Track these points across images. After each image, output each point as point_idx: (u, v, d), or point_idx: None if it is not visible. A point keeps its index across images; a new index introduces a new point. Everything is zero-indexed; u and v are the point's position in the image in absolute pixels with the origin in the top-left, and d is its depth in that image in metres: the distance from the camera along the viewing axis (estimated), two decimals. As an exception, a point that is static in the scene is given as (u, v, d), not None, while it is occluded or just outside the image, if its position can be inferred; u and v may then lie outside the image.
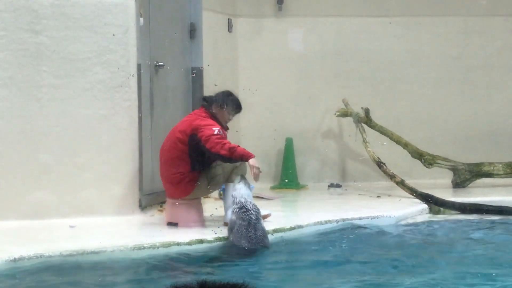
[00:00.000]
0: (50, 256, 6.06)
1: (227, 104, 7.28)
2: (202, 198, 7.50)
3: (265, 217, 7.12)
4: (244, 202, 6.67)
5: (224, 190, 7.29)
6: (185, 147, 7.12)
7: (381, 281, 5.61)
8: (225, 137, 7.06)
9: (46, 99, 7.57)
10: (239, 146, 7.05)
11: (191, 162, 7.14)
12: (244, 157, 6.92)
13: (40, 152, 7.57)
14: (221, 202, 7.51)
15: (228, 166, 7.14)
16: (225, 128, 7.27)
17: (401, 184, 8.90)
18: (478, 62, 10.59)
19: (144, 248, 6.37)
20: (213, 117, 7.22)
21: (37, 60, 7.55)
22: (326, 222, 7.47)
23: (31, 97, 7.55)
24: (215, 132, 6.97)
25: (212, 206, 7.75)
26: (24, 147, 7.55)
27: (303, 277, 5.89)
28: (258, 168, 6.93)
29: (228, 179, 7.15)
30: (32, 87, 7.55)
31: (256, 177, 6.94)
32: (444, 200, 8.46)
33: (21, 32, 7.53)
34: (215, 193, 7.94)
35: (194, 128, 7.08)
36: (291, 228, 7.11)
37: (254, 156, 6.98)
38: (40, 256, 6.04)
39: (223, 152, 6.87)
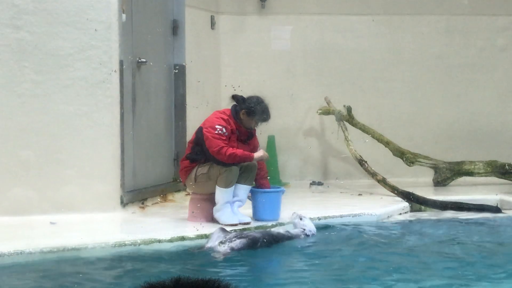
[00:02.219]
0: (30, 253, 6.03)
1: (256, 113, 7.24)
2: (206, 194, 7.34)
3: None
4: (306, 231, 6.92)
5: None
6: (193, 137, 7.28)
7: (361, 278, 5.62)
8: (225, 137, 7.06)
9: (27, 95, 7.53)
10: (236, 150, 7.05)
11: (190, 151, 7.24)
12: (246, 160, 7.06)
13: (21, 148, 7.53)
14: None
15: (214, 173, 7.12)
16: (247, 130, 7.26)
17: (383, 182, 8.92)
18: (460, 61, 10.63)
19: (125, 245, 6.35)
20: (239, 121, 7.22)
21: (18, 56, 7.50)
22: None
23: (12, 93, 7.51)
24: (216, 132, 7.04)
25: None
26: (4, 143, 7.51)
27: (282, 275, 5.89)
28: (265, 156, 7.27)
29: (217, 183, 7.13)
30: (13, 83, 7.50)
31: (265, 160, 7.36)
32: (425, 198, 8.49)
33: (2, 27, 7.48)
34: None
35: (204, 122, 7.21)
36: (273, 226, 7.12)
37: (253, 155, 7.12)
38: (21, 253, 6.01)
39: (220, 157, 7.00)
